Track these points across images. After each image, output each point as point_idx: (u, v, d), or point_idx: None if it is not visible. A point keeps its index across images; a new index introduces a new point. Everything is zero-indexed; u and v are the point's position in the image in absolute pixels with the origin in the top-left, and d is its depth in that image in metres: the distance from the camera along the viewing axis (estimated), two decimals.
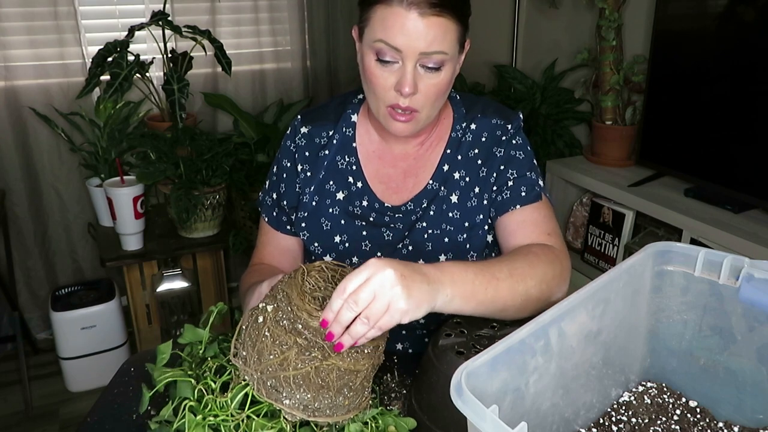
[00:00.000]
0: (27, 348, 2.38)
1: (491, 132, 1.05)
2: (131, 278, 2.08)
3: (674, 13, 1.75)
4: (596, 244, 2.04)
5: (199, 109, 2.54)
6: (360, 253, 1.06)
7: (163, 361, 0.81)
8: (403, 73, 0.90)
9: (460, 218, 1.04)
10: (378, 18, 0.89)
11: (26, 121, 2.31)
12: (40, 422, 2.13)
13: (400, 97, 0.92)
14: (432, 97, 0.94)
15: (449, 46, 0.90)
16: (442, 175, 1.05)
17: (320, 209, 1.08)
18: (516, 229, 1.00)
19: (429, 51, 0.89)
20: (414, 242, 1.04)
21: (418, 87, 0.92)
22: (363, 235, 1.06)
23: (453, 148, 1.05)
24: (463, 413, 0.55)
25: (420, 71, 0.91)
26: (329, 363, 0.70)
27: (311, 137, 1.10)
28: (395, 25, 0.87)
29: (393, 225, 1.06)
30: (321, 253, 1.08)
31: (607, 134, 2.02)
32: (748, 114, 1.57)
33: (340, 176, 1.08)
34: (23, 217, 2.41)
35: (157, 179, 1.93)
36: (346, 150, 1.08)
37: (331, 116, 1.10)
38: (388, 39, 0.88)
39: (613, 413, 0.78)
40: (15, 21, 2.22)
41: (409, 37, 0.87)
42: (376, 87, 0.94)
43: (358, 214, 1.07)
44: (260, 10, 2.56)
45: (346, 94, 1.14)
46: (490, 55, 2.62)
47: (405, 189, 1.06)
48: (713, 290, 0.76)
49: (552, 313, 0.66)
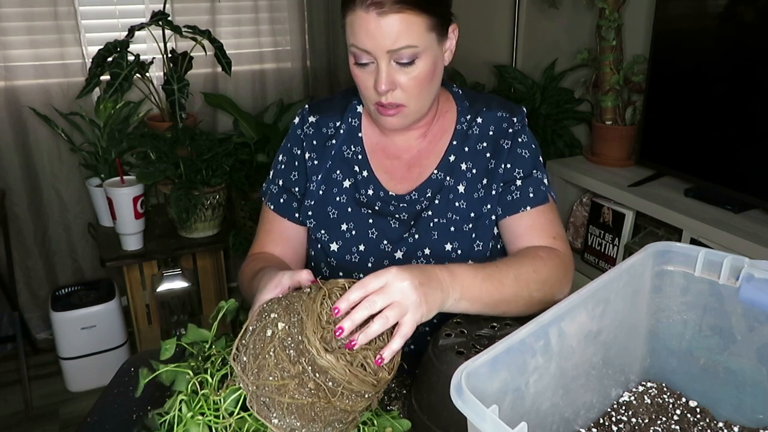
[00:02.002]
0: (27, 348, 2.38)
1: (498, 125, 1.07)
2: (131, 278, 2.08)
3: (674, 13, 1.75)
4: (596, 244, 2.04)
5: (199, 109, 2.54)
6: (366, 241, 1.07)
7: (167, 353, 0.81)
8: (378, 72, 0.93)
9: (467, 208, 1.05)
10: (348, 24, 0.93)
11: (26, 121, 2.31)
12: (40, 422, 2.13)
13: (381, 95, 0.96)
14: (414, 90, 0.96)
15: (417, 38, 0.91)
16: (448, 165, 1.07)
17: (327, 198, 1.09)
18: (523, 233, 1.02)
19: (396, 47, 0.91)
20: (420, 231, 1.05)
21: (398, 82, 0.94)
22: (369, 223, 1.08)
23: (459, 139, 1.07)
24: (463, 413, 0.55)
25: (396, 67, 0.93)
26: (327, 403, 0.69)
27: (319, 127, 1.12)
28: (360, 29, 0.91)
29: (398, 215, 1.07)
30: (327, 241, 1.08)
31: (607, 134, 2.02)
32: (748, 114, 1.57)
33: (347, 165, 1.10)
34: (23, 217, 2.41)
35: (157, 179, 1.93)
36: (352, 140, 1.10)
37: (337, 107, 1.13)
38: (357, 43, 0.92)
39: (613, 413, 0.78)
40: (15, 21, 2.22)
41: (374, 37, 0.90)
42: (360, 88, 0.98)
43: (364, 202, 1.08)
44: (260, 10, 2.56)
45: (351, 87, 1.16)
46: (490, 55, 2.62)
47: (409, 179, 1.08)
48: (713, 290, 0.76)
49: (552, 313, 0.66)
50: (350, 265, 1.07)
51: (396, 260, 1.06)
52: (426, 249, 1.05)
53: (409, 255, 1.05)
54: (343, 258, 1.07)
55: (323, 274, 1.11)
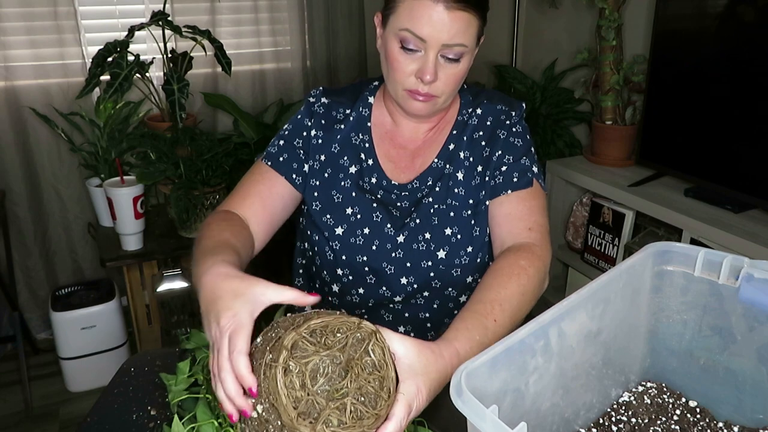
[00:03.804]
0: (27, 348, 2.38)
1: (496, 116, 1.09)
2: (131, 278, 2.07)
3: (674, 13, 1.74)
4: (596, 244, 2.04)
5: (199, 109, 2.54)
6: (371, 224, 1.08)
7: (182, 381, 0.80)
8: (425, 61, 0.95)
9: (465, 195, 1.07)
10: (406, 7, 0.94)
11: (26, 121, 2.31)
12: (40, 422, 2.14)
13: (420, 84, 0.98)
14: (451, 86, 1.00)
15: (469, 39, 0.96)
16: (448, 153, 1.09)
17: (333, 182, 1.10)
18: (501, 222, 1.04)
19: (451, 43, 0.94)
20: (421, 216, 1.07)
21: (438, 75, 0.97)
22: (374, 207, 1.09)
23: (459, 129, 1.10)
24: (463, 413, 0.55)
25: (440, 61, 0.96)
26: None
27: (329, 109, 1.13)
28: (422, 16, 0.92)
29: (400, 203, 1.09)
30: (333, 225, 1.09)
31: (607, 134, 2.02)
32: (748, 114, 1.57)
33: (354, 151, 1.11)
34: (23, 217, 2.41)
35: (157, 179, 1.93)
36: (361, 128, 1.12)
37: (349, 96, 1.15)
38: (414, 28, 0.93)
39: (613, 413, 0.78)
40: (15, 21, 2.22)
41: (434, 28, 0.92)
42: (397, 72, 0.99)
43: (367, 189, 1.10)
44: (260, 10, 2.56)
45: (363, 80, 1.19)
46: (490, 55, 2.62)
47: (413, 168, 1.11)
48: (713, 290, 0.76)
49: (552, 313, 0.66)
50: (354, 248, 1.08)
51: (398, 243, 1.07)
52: (427, 233, 1.07)
53: (411, 239, 1.07)
54: (347, 241, 1.08)
55: (327, 258, 1.10)
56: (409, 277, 1.07)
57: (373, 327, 0.67)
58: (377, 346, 0.66)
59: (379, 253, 1.07)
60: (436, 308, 1.11)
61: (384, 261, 1.07)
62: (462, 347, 0.76)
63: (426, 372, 0.69)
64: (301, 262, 1.23)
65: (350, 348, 0.65)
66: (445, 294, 1.09)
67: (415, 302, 1.10)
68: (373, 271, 1.08)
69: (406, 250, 1.07)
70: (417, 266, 1.07)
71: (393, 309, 1.11)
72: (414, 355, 0.68)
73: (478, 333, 0.79)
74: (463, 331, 0.78)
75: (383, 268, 1.08)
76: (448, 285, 1.08)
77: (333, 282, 1.12)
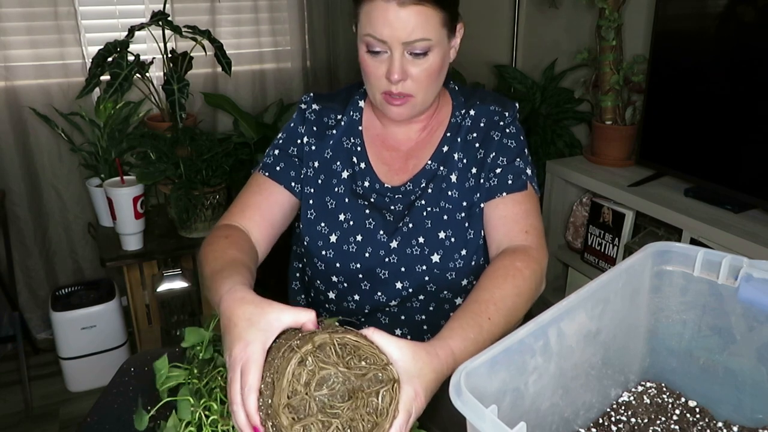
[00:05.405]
0: (27, 348, 2.38)
1: (489, 117, 1.09)
2: (131, 278, 2.08)
3: (674, 13, 1.74)
4: (596, 244, 2.04)
5: (199, 109, 2.54)
6: (364, 231, 1.08)
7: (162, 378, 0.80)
8: (391, 61, 0.96)
9: (459, 197, 1.07)
10: (364, 13, 0.95)
11: (26, 121, 2.31)
12: (40, 422, 2.14)
13: (392, 84, 0.98)
14: (424, 82, 0.99)
15: (432, 32, 0.95)
16: (441, 155, 1.09)
17: (326, 187, 1.10)
18: (497, 224, 1.03)
19: (411, 39, 0.94)
20: (414, 220, 1.07)
21: (409, 73, 0.97)
22: (366, 214, 1.09)
23: (453, 131, 1.10)
24: (462, 413, 0.55)
25: (408, 58, 0.96)
26: None
27: (320, 115, 1.13)
28: (379, 18, 0.93)
29: (393, 207, 1.09)
30: (327, 233, 1.08)
31: (607, 134, 2.02)
32: (747, 114, 1.57)
33: (346, 155, 1.11)
34: (23, 217, 2.41)
35: (157, 179, 1.93)
36: (353, 132, 1.12)
37: (340, 101, 1.15)
38: (373, 32, 0.95)
39: (612, 413, 0.78)
40: (15, 21, 2.22)
41: (392, 27, 0.93)
42: (369, 76, 1.00)
43: (360, 193, 1.10)
44: (260, 10, 2.56)
45: (353, 84, 1.19)
46: (490, 55, 2.62)
47: (405, 170, 1.10)
48: (712, 290, 0.76)
49: (551, 313, 0.66)
50: (348, 255, 1.07)
51: (392, 249, 1.07)
52: (420, 238, 1.06)
53: (404, 244, 1.06)
54: (340, 248, 1.08)
55: (317, 268, 1.10)
56: (403, 282, 1.07)
57: (396, 376, 0.67)
58: (389, 395, 0.66)
59: (373, 260, 1.07)
60: (432, 311, 1.10)
61: (378, 267, 1.07)
62: (457, 346, 0.76)
63: (422, 374, 0.69)
64: (298, 266, 1.23)
65: (366, 381, 0.66)
66: (440, 297, 1.09)
67: (411, 305, 1.10)
68: (368, 277, 1.08)
69: (400, 255, 1.06)
70: (411, 271, 1.06)
71: (389, 312, 1.11)
72: (409, 359, 0.69)
73: (473, 331, 0.79)
74: (458, 330, 0.79)
75: (377, 274, 1.07)
76: (443, 288, 1.08)
77: (329, 290, 1.12)
